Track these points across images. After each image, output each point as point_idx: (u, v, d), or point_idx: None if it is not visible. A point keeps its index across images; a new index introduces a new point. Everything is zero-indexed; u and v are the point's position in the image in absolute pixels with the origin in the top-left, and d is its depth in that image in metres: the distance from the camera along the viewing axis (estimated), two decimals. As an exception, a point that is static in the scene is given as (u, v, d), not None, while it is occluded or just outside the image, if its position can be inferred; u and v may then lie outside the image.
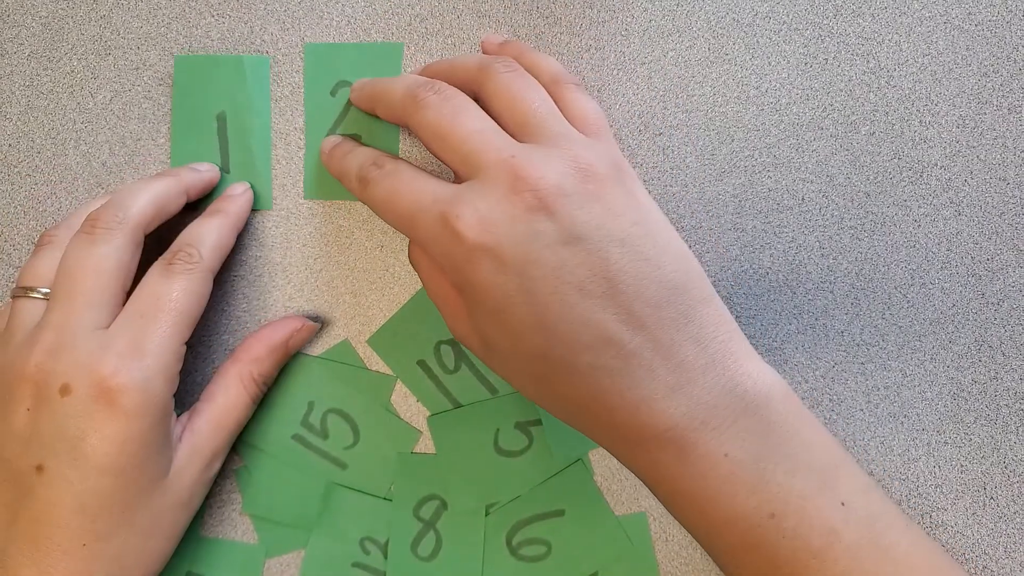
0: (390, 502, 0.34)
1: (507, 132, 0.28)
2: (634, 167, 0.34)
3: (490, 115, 0.28)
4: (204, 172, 0.34)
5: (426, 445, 0.34)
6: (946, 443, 0.33)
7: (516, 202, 0.25)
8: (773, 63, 0.35)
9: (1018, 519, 0.33)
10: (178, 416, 0.31)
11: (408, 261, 0.35)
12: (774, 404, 0.26)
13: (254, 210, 0.35)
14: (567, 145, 0.27)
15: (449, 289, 0.28)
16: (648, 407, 0.25)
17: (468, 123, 0.27)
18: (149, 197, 0.31)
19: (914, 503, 0.33)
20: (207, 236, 0.31)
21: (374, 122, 0.35)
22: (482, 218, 0.25)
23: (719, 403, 0.25)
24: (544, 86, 0.29)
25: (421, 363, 0.34)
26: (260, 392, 0.33)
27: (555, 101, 0.29)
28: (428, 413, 0.34)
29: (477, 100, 0.29)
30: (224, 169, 0.35)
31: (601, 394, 0.26)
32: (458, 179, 0.28)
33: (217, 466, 0.32)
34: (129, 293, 0.30)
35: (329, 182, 0.35)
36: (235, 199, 0.33)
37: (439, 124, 0.27)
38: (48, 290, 0.30)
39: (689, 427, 0.25)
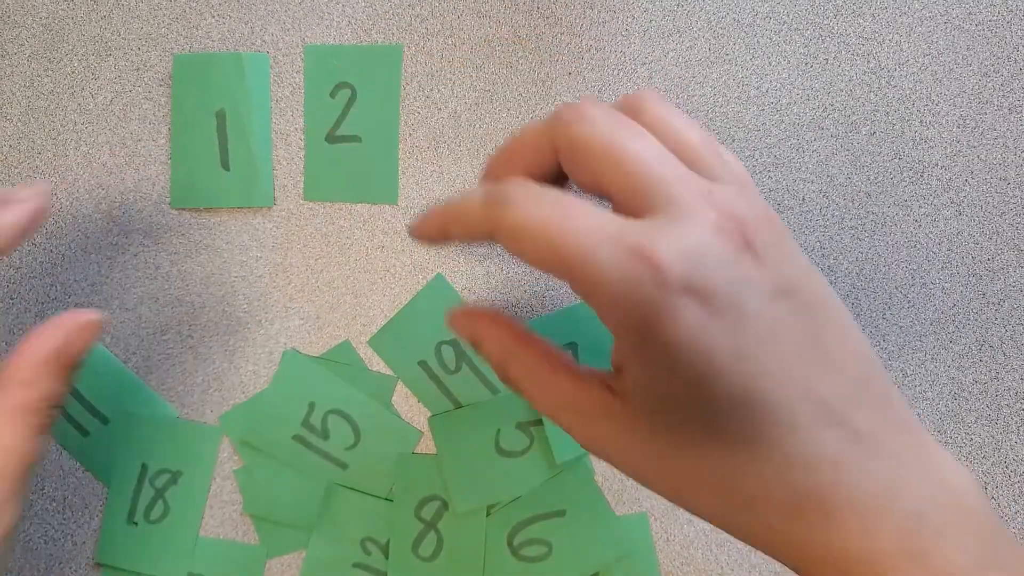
0: (391, 502, 0.34)
1: None
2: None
3: None
4: (18, 205, 0.27)
5: (427, 446, 0.34)
6: (947, 443, 0.33)
7: (725, 241, 0.21)
8: (773, 63, 0.35)
9: (1018, 519, 0.33)
10: None
11: (410, 262, 0.35)
12: (982, 501, 0.22)
13: (255, 209, 0.35)
14: (742, 187, 0.23)
15: (590, 387, 0.23)
16: (868, 511, 0.21)
17: (647, 147, 0.22)
18: None
19: (915, 503, 0.33)
20: None
21: (374, 123, 0.35)
22: (688, 254, 0.20)
23: (935, 505, 0.21)
24: None
25: (422, 363, 0.34)
26: (48, 418, 0.26)
27: None
28: (429, 413, 0.34)
29: None
30: (224, 166, 0.35)
31: (808, 494, 0.21)
32: (622, 211, 0.23)
33: (12, 518, 0.25)
34: None
35: (329, 183, 0.35)
36: (11, 208, 0.26)
37: (610, 142, 0.22)
38: None
39: (914, 533, 0.21)
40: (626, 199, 0.22)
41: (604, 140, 0.22)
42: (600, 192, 0.23)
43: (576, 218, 0.21)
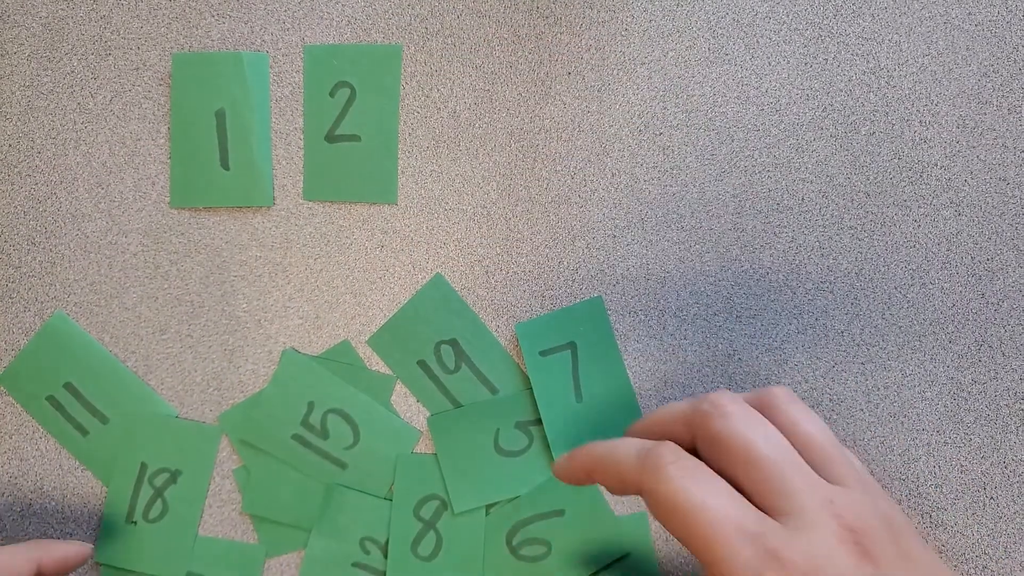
0: (390, 502, 0.34)
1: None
2: (634, 167, 0.35)
3: None
4: (67, 549, 0.31)
5: (426, 445, 0.34)
6: (946, 443, 0.33)
7: (846, 551, 0.24)
8: (773, 63, 0.35)
9: (1018, 519, 0.33)
10: None
11: (409, 262, 0.35)
12: None
13: (255, 209, 0.35)
14: (868, 492, 0.26)
15: None
16: None
17: (782, 452, 0.25)
18: None
19: (914, 503, 0.33)
20: None
21: (374, 123, 0.35)
22: (814, 561, 0.23)
23: None
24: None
25: (421, 363, 0.34)
26: None
27: None
28: (428, 413, 0.34)
29: None
30: (224, 165, 0.35)
31: None
32: (760, 503, 0.25)
33: None
34: None
35: (328, 182, 0.35)
36: (62, 547, 0.30)
37: (747, 443, 0.25)
38: None
39: None
40: (758, 496, 0.25)
41: (741, 439, 0.25)
42: (730, 481, 0.25)
43: (720, 507, 0.24)
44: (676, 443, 0.27)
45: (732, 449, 0.25)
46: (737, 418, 0.26)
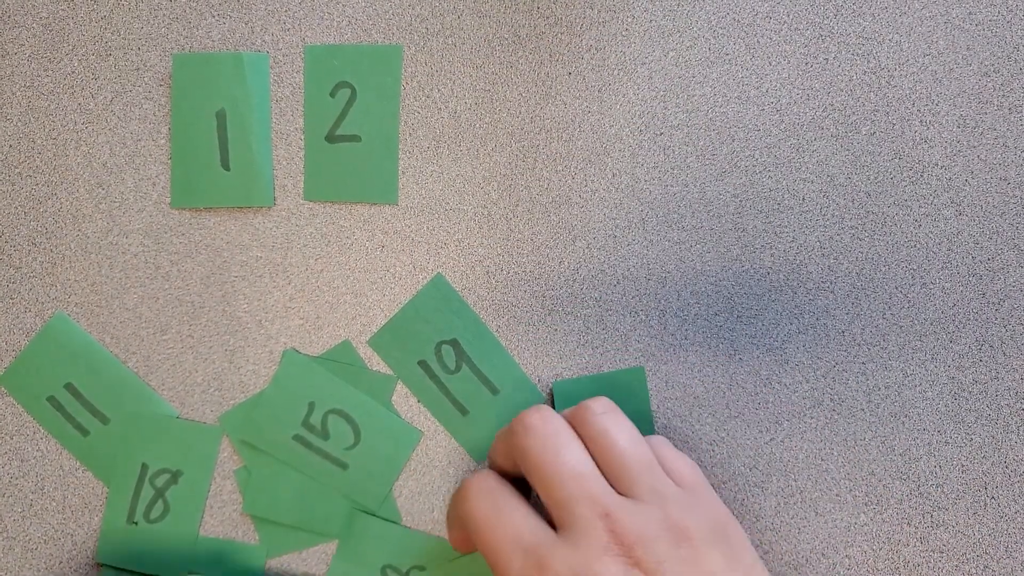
0: (412, 530, 0.34)
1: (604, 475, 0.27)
2: (635, 167, 0.35)
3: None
4: None
5: (426, 446, 0.34)
6: (947, 443, 0.33)
7: (608, 563, 0.25)
8: (773, 63, 0.35)
9: (1019, 519, 0.33)
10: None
11: (410, 262, 0.35)
12: None
13: (255, 209, 0.35)
14: (661, 503, 0.26)
15: None
16: None
17: (569, 465, 0.26)
18: None
19: (915, 503, 0.33)
20: None
21: (374, 123, 0.35)
22: (573, 571, 0.25)
23: None
24: None
25: (422, 363, 0.34)
26: None
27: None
28: (429, 413, 0.34)
29: None
30: (224, 166, 0.35)
31: None
32: (551, 517, 0.27)
33: None
34: None
35: (329, 182, 0.35)
36: None
37: (542, 458, 0.27)
38: None
39: None
40: (548, 509, 0.27)
41: (536, 454, 0.27)
42: (540, 496, 0.27)
43: (505, 523, 0.26)
44: (507, 463, 0.29)
45: (528, 465, 0.27)
46: (537, 435, 0.27)
